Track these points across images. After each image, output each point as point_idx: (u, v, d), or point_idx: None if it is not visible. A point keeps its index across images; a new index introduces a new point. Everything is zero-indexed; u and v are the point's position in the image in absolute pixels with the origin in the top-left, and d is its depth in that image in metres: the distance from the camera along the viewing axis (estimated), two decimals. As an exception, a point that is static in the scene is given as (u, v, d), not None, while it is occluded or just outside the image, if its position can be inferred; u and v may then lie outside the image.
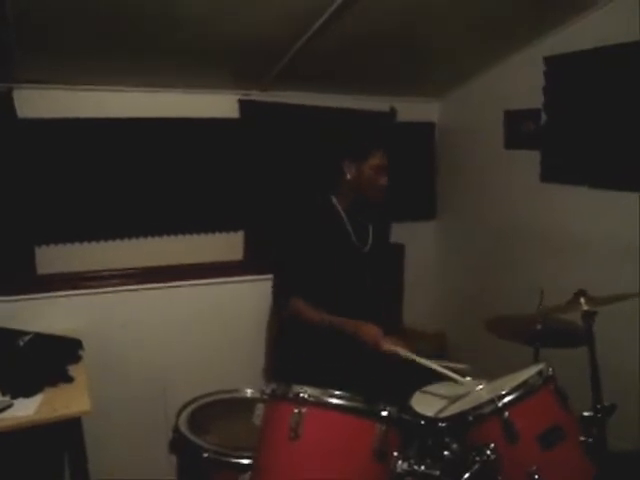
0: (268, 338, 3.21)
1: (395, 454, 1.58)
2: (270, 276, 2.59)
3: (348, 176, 2.52)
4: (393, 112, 3.67)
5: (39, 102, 2.78)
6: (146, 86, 3.00)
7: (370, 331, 2.28)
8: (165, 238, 3.18)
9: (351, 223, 2.57)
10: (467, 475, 1.56)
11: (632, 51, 2.61)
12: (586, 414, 1.85)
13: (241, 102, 3.24)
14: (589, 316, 2.04)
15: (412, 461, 1.58)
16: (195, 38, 2.55)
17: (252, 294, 3.19)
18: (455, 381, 2.02)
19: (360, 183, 2.51)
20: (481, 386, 1.87)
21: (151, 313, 3.02)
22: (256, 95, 3.28)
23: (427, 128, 3.94)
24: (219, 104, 3.21)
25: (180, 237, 3.22)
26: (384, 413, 1.57)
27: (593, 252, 2.90)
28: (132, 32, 2.43)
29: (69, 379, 2.25)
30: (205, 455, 1.94)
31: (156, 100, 3.05)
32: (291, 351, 2.57)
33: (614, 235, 2.80)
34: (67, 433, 2.09)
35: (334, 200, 2.59)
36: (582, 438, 1.67)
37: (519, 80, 3.27)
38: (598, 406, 1.91)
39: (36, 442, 2.11)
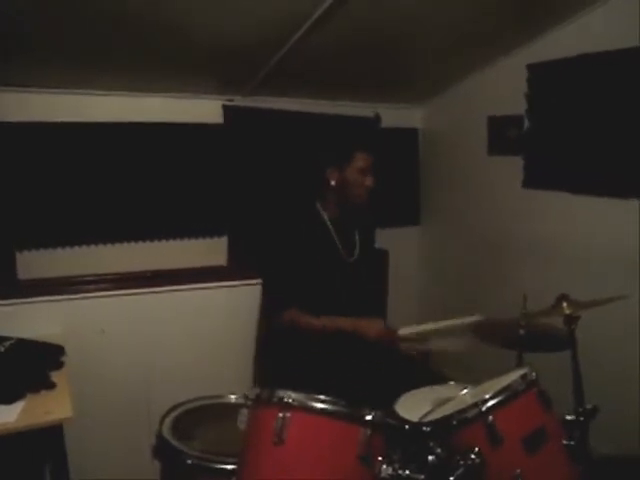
0: (254, 344, 3.19)
1: (380, 459, 1.57)
2: (254, 281, 2.57)
3: (332, 183, 2.50)
4: (377, 118, 3.68)
5: (19, 106, 2.76)
6: (128, 90, 2.99)
7: (370, 326, 2.36)
8: (148, 243, 3.17)
9: (337, 233, 2.55)
10: (451, 479, 1.56)
11: (615, 59, 2.64)
12: (568, 417, 1.85)
13: (225, 107, 3.24)
14: (571, 320, 2.05)
15: (397, 465, 1.57)
16: (179, 44, 2.55)
17: (235, 300, 3.18)
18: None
19: (345, 188, 2.49)
20: (465, 390, 1.87)
21: (134, 318, 2.99)
22: (240, 100, 3.28)
23: (411, 134, 3.96)
24: (202, 109, 3.21)
25: (163, 242, 3.21)
26: (369, 417, 1.56)
27: (576, 257, 2.92)
28: (114, 37, 2.42)
29: (51, 385, 2.21)
30: (189, 461, 1.92)
31: (138, 105, 3.04)
32: (277, 357, 2.56)
33: (596, 240, 2.83)
34: (48, 440, 2.06)
35: (320, 210, 2.56)
36: (565, 442, 1.68)
37: (502, 86, 3.30)
38: (580, 409, 1.92)
39: (17, 449, 2.07)
